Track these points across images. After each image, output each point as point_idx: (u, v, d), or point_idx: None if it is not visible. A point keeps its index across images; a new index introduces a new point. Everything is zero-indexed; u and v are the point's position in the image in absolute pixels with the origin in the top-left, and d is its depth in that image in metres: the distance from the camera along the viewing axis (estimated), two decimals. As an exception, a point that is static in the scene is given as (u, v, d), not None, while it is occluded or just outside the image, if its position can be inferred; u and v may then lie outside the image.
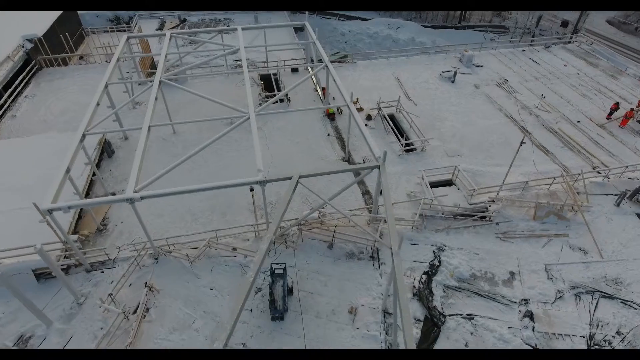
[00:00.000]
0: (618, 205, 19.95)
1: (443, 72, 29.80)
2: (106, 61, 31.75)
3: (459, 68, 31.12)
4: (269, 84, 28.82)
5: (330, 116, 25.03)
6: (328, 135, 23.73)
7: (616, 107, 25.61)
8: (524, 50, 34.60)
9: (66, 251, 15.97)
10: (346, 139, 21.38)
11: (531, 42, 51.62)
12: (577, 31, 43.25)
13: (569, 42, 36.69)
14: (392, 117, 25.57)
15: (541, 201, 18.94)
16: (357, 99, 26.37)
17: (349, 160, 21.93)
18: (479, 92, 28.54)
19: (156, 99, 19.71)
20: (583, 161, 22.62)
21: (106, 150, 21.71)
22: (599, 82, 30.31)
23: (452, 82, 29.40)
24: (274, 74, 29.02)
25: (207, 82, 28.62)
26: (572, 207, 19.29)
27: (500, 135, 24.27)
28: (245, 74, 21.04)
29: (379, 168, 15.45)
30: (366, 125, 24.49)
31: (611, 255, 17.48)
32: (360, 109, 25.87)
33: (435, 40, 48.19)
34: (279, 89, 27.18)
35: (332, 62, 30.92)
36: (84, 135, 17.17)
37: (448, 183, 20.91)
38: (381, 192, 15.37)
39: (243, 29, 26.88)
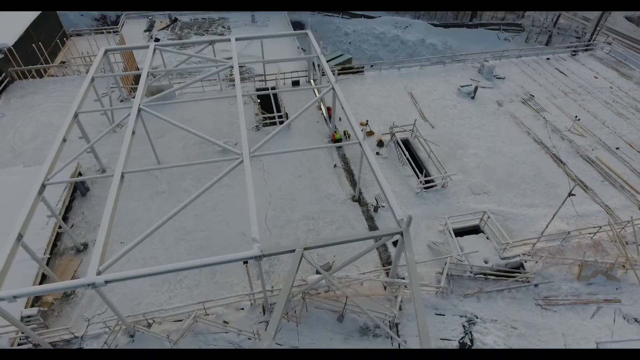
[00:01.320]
0: (674, 258, 17.10)
1: (462, 86, 26.66)
2: (87, 72, 28.52)
3: (479, 81, 27.96)
4: (266, 100, 25.65)
5: (337, 141, 22.01)
6: (335, 166, 20.76)
7: (661, 132, 22.63)
8: (548, 59, 31.37)
9: (22, 333, 13.17)
10: (357, 178, 18.40)
11: (547, 42, 48.45)
12: (598, 31, 39.98)
13: (589, 45, 33.54)
14: (406, 143, 22.55)
15: (588, 259, 16.07)
16: (367, 121, 23.30)
17: (359, 199, 19.00)
18: (502, 110, 25.46)
19: (133, 132, 16.68)
20: (628, 199, 19.73)
21: (79, 188, 18.75)
22: (635, 97, 27.21)
23: (472, 98, 26.29)
24: (273, 89, 25.84)
25: (197, 98, 25.42)
26: (623, 265, 16.46)
27: (531, 166, 21.30)
28: (240, 105, 17.90)
29: (402, 234, 12.54)
30: (377, 153, 21.53)
31: (674, 329, 14.73)
32: (370, 133, 22.83)
33: (447, 41, 44.81)
34: (278, 109, 24.05)
35: (337, 72, 27.85)
36: (43, 186, 14.19)
37: (475, 230, 18.05)
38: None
39: (237, 39, 23.65)
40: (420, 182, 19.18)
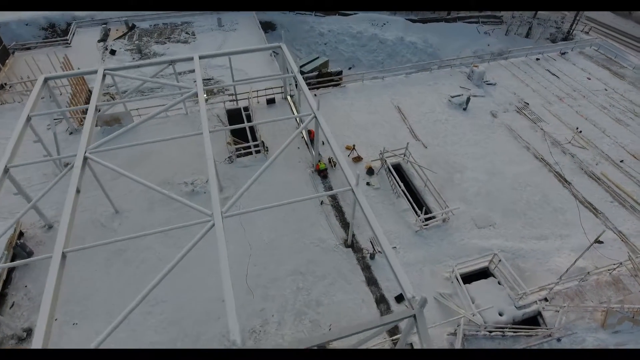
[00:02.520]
0: (699, 292, 15.63)
1: (452, 96, 24.55)
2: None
3: (469, 89, 25.93)
4: (237, 122, 22.63)
5: (322, 172, 19.55)
6: (321, 203, 18.32)
7: (666, 142, 21.20)
8: (537, 59, 29.65)
9: None
10: (350, 223, 16.01)
11: (527, 34, 47.04)
12: (577, 20, 38.79)
13: (568, 36, 31.86)
14: (398, 168, 20.32)
15: (613, 306, 14.33)
16: (354, 145, 20.88)
17: (352, 244, 16.68)
18: (497, 122, 23.52)
19: (78, 191, 13.74)
20: (638, 220, 18.17)
21: (19, 254, 15.66)
22: (632, 100, 25.81)
23: (464, 109, 24.23)
24: (245, 110, 23.01)
25: (160, 124, 22.38)
26: (646, 303, 14.84)
27: (535, 188, 19.46)
28: (208, 149, 15.10)
29: (415, 317, 10.30)
30: (368, 184, 19.21)
31: None
32: (357, 159, 20.46)
33: (427, 38, 42.68)
34: (253, 134, 21.25)
35: (315, 82, 25.27)
36: (-40, 276, 11.20)
37: (484, 273, 16.08)
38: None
39: (201, 57, 20.66)
40: (421, 219, 16.99)
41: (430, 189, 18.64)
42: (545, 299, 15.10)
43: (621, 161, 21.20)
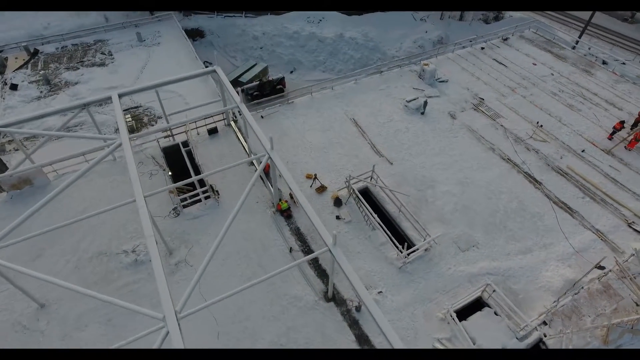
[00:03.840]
0: (683, 285, 15.53)
1: (408, 101, 23.10)
2: None
3: (423, 90, 24.66)
4: (178, 162, 19.58)
5: (285, 212, 17.28)
6: (290, 251, 16.10)
7: (621, 126, 21.26)
8: (482, 49, 29.08)
9: None
10: (330, 277, 13.95)
11: (460, 17, 47.20)
12: None
13: (499, 14, 31.66)
14: (366, 193, 18.57)
15: (615, 321, 13.68)
16: (315, 175, 18.75)
17: (334, 297, 14.70)
18: (457, 124, 22.46)
19: (-22, 311, 10.44)
20: (614, 216, 17.93)
21: None
22: (578, 82, 25.96)
23: (422, 113, 22.92)
24: (184, 145, 19.95)
25: (82, 178, 18.71)
26: (638, 311, 14.42)
27: (510, 195, 18.61)
28: (145, 221, 12.22)
29: None
30: (338, 218, 17.25)
31: None
32: (321, 189, 18.40)
33: (366, 32, 41.14)
34: (202, 182, 18.27)
35: (259, 101, 22.70)
36: None
37: (478, 304, 14.86)
38: None
39: (121, 95, 17.35)
40: (403, 254, 15.35)
41: (405, 214, 17.07)
42: (545, 322, 14.20)
43: (582, 151, 21.00)
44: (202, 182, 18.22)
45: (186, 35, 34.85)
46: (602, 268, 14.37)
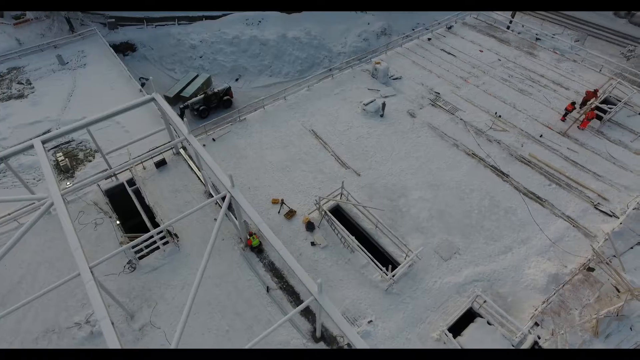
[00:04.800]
0: (653, 261, 16.03)
1: (366, 104, 22.23)
2: None
3: (378, 89, 23.90)
4: (125, 204, 17.42)
5: (256, 248, 15.85)
6: (268, 290, 14.75)
7: (572, 107, 21.72)
8: (429, 39, 28.80)
9: None
10: (318, 317, 12.75)
11: None
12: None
13: None
14: (339, 211, 17.54)
15: (603, 312, 13.74)
16: (282, 200, 17.42)
17: (322, 336, 13.60)
18: (418, 123, 21.94)
19: None
20: (581, 199, 18.24)
21: None
22: (524, 65, 26.38)
23: (381, 116, 22.18)
24: (130, 183, 17.81)
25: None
26: (619, 296, 14.66)
27: (480, 192, 18.38)
28: (101, 318, 10.35)
29: None
30: (313, 244, 16.10)
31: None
32: (291, 214, 17.11)
33: (309, 30, 39.82)
34: (152, 219, 16.31)
35: (206, 118, 20.84)
36: None
37: (470, 315, 14.39)
38: None
39: (45, 142, 14.96)
40: (389, 276, 14.52)
41: (382, 229, 16.23)
42: (536, 324, 14.02)
43: (540, 136, 21.27)
44: (156, 225, 16.29)
45: (115, 52, 31.70)
46: (591, 270, 14.40)
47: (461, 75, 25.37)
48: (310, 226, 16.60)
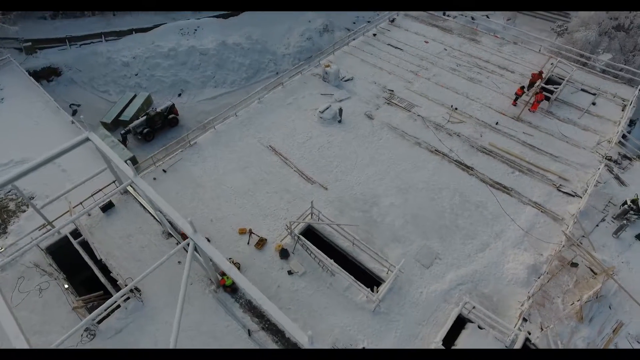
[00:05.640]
0: (618, 236, 16.67)
1: (322, 111, 21.36)
2: None
3: (332, 94, 23.11)
4: (72, 260, 15.37)
5: (229, 287, 14.59)
6: (250, 334, 13.59)
7: (522, 92, 22.16)
8: (375, 35, 28.36)
9: None
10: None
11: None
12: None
13: None
14: (312, 232, 16.64)
15: (585, 298, 13.97)
16: (250, 230, 16.22)
17: (315, 374, 12.72)
18: (377, 124, 21.43)
19: None
20: (544, 183, 18.63)
21: None
22: (469, 52, 26.70)
23: (340, 122, 21.43)
24: (75, 235, 15.79)
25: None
26: (594, 277, 15.06)
27: (450, 190, 18.22)
28: None
29: None
30: (290, 272, 15.12)
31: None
32: (261, 243, 15.96)
33: (249, 34, 38.17)
34: (106, 275, 14.50)
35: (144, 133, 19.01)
36: None
37: (460, 321, 14.12)
38: None
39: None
40: (374, 297, 13.88)
41: (360, 245, 15.55)
42: (524, 319, 14.02)
43: (496, 123, 21.53)
44: (111, 279, 14.55)
45: (36, 80, 28.42)
46: (575, 265, 14.56)
47: (411, 70, 25.17)
48: (284, 253, 15.57)
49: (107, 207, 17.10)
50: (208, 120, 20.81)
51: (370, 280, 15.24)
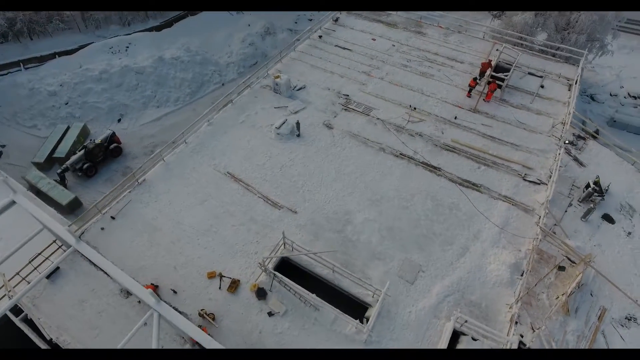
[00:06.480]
0: (586, 219, 17.00)
1: (278, 127, 20.12)
2: None
3: (286, 106, 21.92)
4: (17, 342, 13.34)
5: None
6: (236, 392, 12.34)
7: (475, 83, 22.12)
8: (320, 37, 27.34)
9: None
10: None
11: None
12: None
13: None
14: (287, 265, 15.52)
15: (569, 290, 14.00)
16: (220, 273, 14.83)
17: None
18: (338, 134, 20.55)
19: None
20: (510, 175, 18.67)
21: None
22: (417, 46, 26.42)
23: (298, 136, 20.33)
24: (17, 311, 13.67)
25: None
26: (572, 265, 15.22)
27: (421, 195, 17.76)
28: None
29: None
30: (270, 314, 13.99)
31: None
32: (234, 286, 14.64)
33: (188, 45, 35.83)
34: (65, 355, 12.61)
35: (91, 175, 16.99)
36: None
37: (454, 335, 13.69)
38: None
39: None
40: (364, 328, 13.08)
41: (340, 272, 14.67)
42: (515, 322, 13.84)
43: (455, 118, 21.36)
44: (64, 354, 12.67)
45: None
46: (562, 269, 14.49)
47: (363, 70, 24.47)
48: (261, 293, 14.36)
49: (51, 272, 14.97)
50: (156, 153, 18.85)
51: (356, 305, 14.47)
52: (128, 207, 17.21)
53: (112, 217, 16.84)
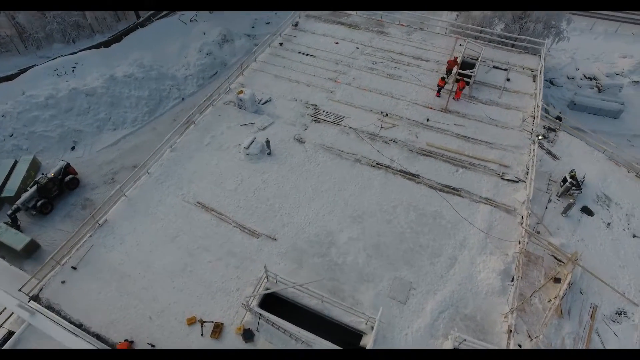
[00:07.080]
0: (567, 215, 17.03)
1: (247, 147, 18.98)
2: None
3: (253, 122, 20.80)
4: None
5: None
6: None
7: (443, 83, 21.79)
8: (281, 44, 26.23)
9: None
10: None
11: None
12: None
13: None
14: (273, 301, 14.56)
15: (561, 293, 13.86)
16: (201, 319, 13.67)
17: None
18: (310, 148, 19.68)
19: None
20: (488, 175, 18.46)
21: None
22: (381, 47, 25.85)
23: (269, 154, 19.31)
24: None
25: None
26: (559, 262, 15.16)
27: (403, 206, 17.22)
28: None
29: None
30: (261, 355, 12.99)
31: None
32: (217, 331, 13.55)
33: (141, 60, 33.73)
34: None
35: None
36: None
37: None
38: None
39: None
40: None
41: (329, 302, 13.88)
42: (511, 331, 13.58)
43: (427, 120, 20.97)
44: None
45: None
46: (558, 280, 14.25)
47: (329, 77, 23.65)
48: (248, 335, 13.37)
49: (7, 339, 13.35)
50: (117, 189, 17.25)
51: (349, 333, 13.77)
52: (90, 253, 15.65)
53: (73, 267, 15.25)
